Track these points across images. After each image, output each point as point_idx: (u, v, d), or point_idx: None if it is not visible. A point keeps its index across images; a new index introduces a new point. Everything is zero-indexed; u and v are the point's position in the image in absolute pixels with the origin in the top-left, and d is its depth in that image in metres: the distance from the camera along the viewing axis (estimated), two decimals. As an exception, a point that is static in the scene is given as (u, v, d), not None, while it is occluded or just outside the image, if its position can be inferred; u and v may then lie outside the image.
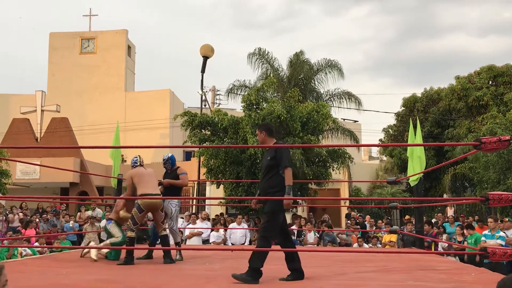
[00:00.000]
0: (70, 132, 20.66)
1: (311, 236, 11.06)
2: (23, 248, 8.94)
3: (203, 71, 17.85)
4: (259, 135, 4.90)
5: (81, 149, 20.43)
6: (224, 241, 11.08)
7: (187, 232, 11.01)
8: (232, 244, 11.33)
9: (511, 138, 3.98)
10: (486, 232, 8.98)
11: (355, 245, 10.81)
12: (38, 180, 19.66)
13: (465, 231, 10.14)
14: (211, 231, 11.18)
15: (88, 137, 23.22)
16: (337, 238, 11.29)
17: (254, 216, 13.60)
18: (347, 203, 16.30)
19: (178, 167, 6.78)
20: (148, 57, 64.79)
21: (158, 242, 6.70)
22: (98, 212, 13.62)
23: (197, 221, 11.14)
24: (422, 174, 7.53)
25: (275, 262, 4.94)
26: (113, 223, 6.31)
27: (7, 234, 10.10)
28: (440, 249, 9.53)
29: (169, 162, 6.74)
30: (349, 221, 12.78)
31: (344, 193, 20.61)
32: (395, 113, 24.71)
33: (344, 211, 18.44)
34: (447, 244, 9.69)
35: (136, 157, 6.58)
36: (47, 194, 20.42)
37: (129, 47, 29.59)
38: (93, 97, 27.79)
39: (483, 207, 16.58)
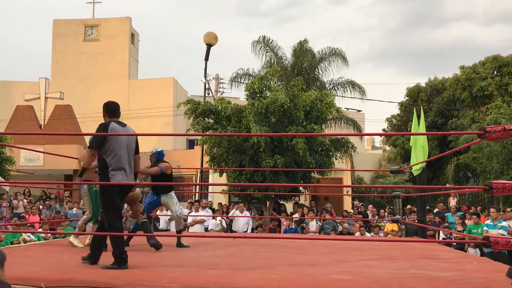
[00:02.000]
0: (74, 120, 20.70)
1: (313, 225, 11.11)
2: (27, 234, 9.01)
3: (206, 59, 17.77)
4: None
5: (84, 137, 20.46)
6: (224, 229, 11.13)
7: (189, 220, 11.07)
8: (235, 231, 11.39)
9: (515, 127, 3.95)
10: (488, 222, 9.00)
11: (357, 234, 10.85)
12: (42, 167, 19.74)
13: (466, 221, 10.16)
14: (212, 218, 11.24)
15: (91, 125, 23.20)
16: (338, 226, 11.35)
17: (257, 204, 13.64)
18: (350, 192, 16.30)
19: (164, 162, 6.62)
20: (151, 45, 64.61)
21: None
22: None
23: (199, 209, 11.20)
24: (425, 164, 7.51)
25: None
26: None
27: (12, 220, 10.18)
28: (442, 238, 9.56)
29: (154, 157, 6.62)
30: (351, 211, 12.81)
31: (347, 182, 20.58)
32: (399, 103, 24.63)
33: (346, 200, 18.46)
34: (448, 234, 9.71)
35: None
36: (51, 181, 20.51)
37: (132, 35, 29.50)
38: (96, 85, 27.78)
39: (485, 197, 16.56)
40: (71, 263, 4.60)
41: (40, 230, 9.98)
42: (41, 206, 12.53)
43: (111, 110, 4.70)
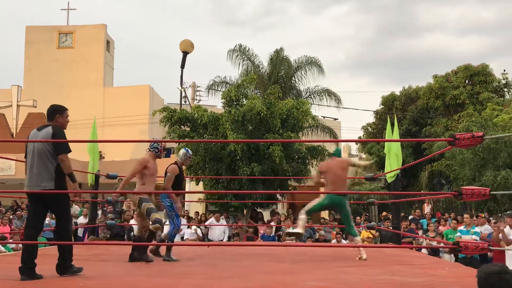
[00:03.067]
0: (47, 128, 20.31)
1: (290, 232, 11.11)
2: (-3, 245, 8.76)
3: (182, 66, 17.73)
4: None
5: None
6: (200, 238, 11.06)
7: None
8: (211, 240, 11.32)
9: (484, 134, 4.06)
10: (461, 228, 9.16)
11: (334, 241, 10.90)
12: (14, 176, 19.27)
13: (441, 227, 10.33)
14: (188, 227, 11.16)
15: (65, 133, 22.87)
16: (314, 233, 11.39)
17: (234, 213, 13.60)
18: (326, 200, 16.39)
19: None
20: (127, 53, 64.09)
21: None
22: (75, 208, 13.42)
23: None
24: (399, 171, 7.62)
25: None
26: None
27: (-20, 231, 9.89)
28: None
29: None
30: (327, 218, 12.88)
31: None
32: (374, 111, 24.97)
33: (323, 207, 18.54)
34: (423, 240, 9.85)
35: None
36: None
37: (108, 42, 29.20)
38: (71, 93, 27.34)
39: (459, 204, 16.89)
40: (42, 274, 4.48)
41: (11, 240, 9.71)
42: (11, 216, 12.21)
43: (50, 111, 4.60)
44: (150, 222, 5.61)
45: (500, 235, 7.31)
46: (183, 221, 11.31)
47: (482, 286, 2.39)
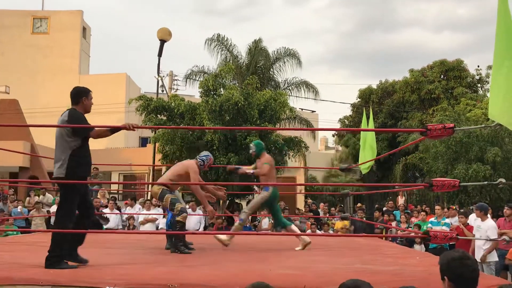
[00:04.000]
0: (20, 115, 19.86)
1: (265, 222, 11.19)
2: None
3: (159, 54, 17.52)
4: None
5: (31, 133, 19.69)
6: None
7: (141, 218, 10.89)
8: (186, 230, 11.27)
9: (454, 126, 4.14)
10: (432, 219, 9.36)
11: (309, 231, 11.00)
12: (-13, 163, 18.85)
13: (413, 218, 10.53)
14: (163, 217, 11.10)
15: (40, 121, 22.37)
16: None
17: (211, 202, 13.58)
18: (303, 191, 16.53)
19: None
20: (104, 40, 63.01)
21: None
22: (49, 197, 13.22)
23: (151, 208, 11.04)
24: (373, 162, 7.73)
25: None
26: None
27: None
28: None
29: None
30: (302, 209, 12.98)
31: (300, 181, 20.88)
32: (351, 104, 25.18)
33: (299, 198, 18.70)
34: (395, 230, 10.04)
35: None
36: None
37: (84, 29, 28.64)
38: (45, 79, 26.79)
39: (431, 196, 17.22)
40: (11, 261, 4.42)
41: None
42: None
43: (70, 97, 4.49)
44: (176, 213, 5.52)
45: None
46: (160, 210, 11.24)
47: (444, 272, 2.43)
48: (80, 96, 4.44)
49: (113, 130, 4.41)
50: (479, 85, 22.51)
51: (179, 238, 5.54)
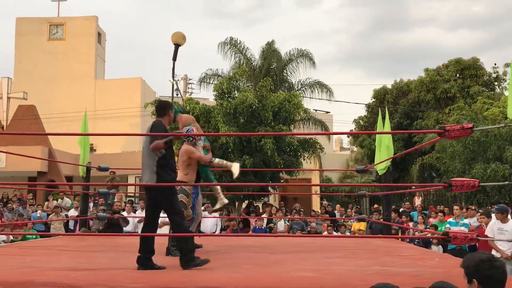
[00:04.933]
0: (38, 120, 20.16)
1: (281, 224, 11.16)
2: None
3: (174, 59, 17.56)
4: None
5: (49, 138, 19.96)
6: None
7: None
8: (203, 232, 11.31)
9: (473, 126, 4.09)
10: (450, 219, 9.26)
11: (325, 233, 10.96)
12: (4, 169, 19.14)
13: (431, 219, 10.42)
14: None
15: (56, 126, 22.72)
16: (306, 226, 11.44)
17: (227, 206, 13.60)
18: (318, 192, 16.48)
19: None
20: (119, 45, 63.66)
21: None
22: (67, 201, 13.39)
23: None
24: (390, 163, 7.66)
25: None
26: None
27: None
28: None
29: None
30: (318, 210, 12.93)
31: (315, 182, 20.83)
32: (366, 104, 25.04)
33: (315, 200, 18.64)
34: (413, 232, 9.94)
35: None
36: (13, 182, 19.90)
37: (99, 34, 28.98)
38: (62, 85, 27.15)
39: (449, 196, 17.03)
40: (31, 265, 4.48)
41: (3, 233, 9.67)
42: (2, 209, 12.14)
43: (156, 110, 4.75)
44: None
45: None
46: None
47: (472, 274, 2.40)
48: (167, 109, 4.67)
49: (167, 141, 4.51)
50: (496, 83, 22.22)
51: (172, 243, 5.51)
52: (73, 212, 11.90)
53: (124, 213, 10.94)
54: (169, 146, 4.46)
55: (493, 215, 7.80)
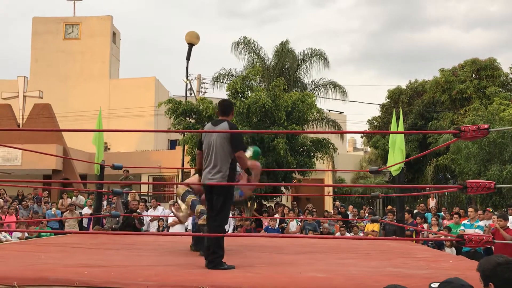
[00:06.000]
0: (53, 119, 20.38)
1: (293, 225, 11.14)
2: (3, 235, 8.84)
3: (188, 58, 17.67)
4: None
5: (63, 137, 20.18)
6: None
7: (170, 220, 11.00)
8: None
9: (489, 127, 4.03)
10: (465, 221, 9.15)
11: (338, 234, 10.91)
12: (20, 167, 19.39)
13: (446, 221, 10.31)
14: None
15: (71, 124, 22.96)
16: (319, 226, 11.40)
17: (239, 205, 13.63)
18: (331, 193, 16.41)
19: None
20: (133, 44, 64.11)
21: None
22: (81, 199, 13.52)
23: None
24: (403, 164, 7.59)
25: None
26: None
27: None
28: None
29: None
30: (331, 211, 12.87)
31: (328, 183, 20.75)
32: (380, 105, 24.88)
33: (328, 200, 18.56)
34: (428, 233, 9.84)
35: None
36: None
37: (114, 34, 29.22)
38: (77, 84, 27.44)
39: (464, 198, 16.84)
40: (46, 261, 4.53)
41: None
42: (17, 206, 12.31)
43: (219, 109, 4.74)
44: (196, 215, 5.52)
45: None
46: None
47: (489, 278, 2.36)
48: (231, 108, 4.77)
49: (247, 170, 4.69)
50: (513, 84, 21.92)
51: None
52: (86, 210, 12.01)
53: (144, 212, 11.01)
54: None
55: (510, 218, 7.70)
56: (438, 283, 2.43)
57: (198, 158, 4.77)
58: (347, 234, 10.72)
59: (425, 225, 10.54)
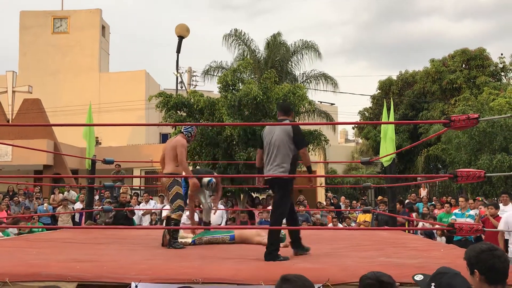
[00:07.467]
0: (43, 114, 20.22)
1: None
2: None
3: (178, 51, 17.59)
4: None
5: (54, 132, 20.03)
6: (196, 222, 11.06)
7: (164, 213, 10.99)
8: (208, 224, 11.31)
9: (479, 116, 4.05)
10: (456, 211, 9.22)
11: (330, 225, 10.96)
12: (10, 162, 19.25)
13: (436, 210, 10.40)
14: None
15: (61, 119, 22.80)
16: (311, 218, 11.44)
17: (232, 198, 13.64)
18: (323, 184, 16.46)
19: None
20: (123, 38, 63.63)
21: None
22: (72, 194, 13.46)
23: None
24: (395, 155, 7.63)
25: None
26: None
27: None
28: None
29: None
30: (324, 202, 12.92)
31: (320, 174, 20.80)
32: (371, 96, 24.95)
33: (320, 192, 18.63)
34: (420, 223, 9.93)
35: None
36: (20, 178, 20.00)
37: (103, 27, 28.96)
38: (66, 78, 27.21)
39: (455, 188, 16.97)
40: (37, 257, 4.50)
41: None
42: (9, 202, 12.22)
43: (281, 109, 4.98)
44: (173, 208, 5.57)
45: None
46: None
47: (474, 265, 2.38)
48: (291, 109, 5.04)
49: (309, 168, 4.86)
50: (502, 73, 22.06)
51: (172, 235, 5.50)
52: (78, 205, 11.96)
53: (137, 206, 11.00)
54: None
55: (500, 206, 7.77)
56: (422, 276, 2.44)
57: (258, 155, 4.99)
58: (340, 225, 10.77)
59: (414, 215, 10.63)
